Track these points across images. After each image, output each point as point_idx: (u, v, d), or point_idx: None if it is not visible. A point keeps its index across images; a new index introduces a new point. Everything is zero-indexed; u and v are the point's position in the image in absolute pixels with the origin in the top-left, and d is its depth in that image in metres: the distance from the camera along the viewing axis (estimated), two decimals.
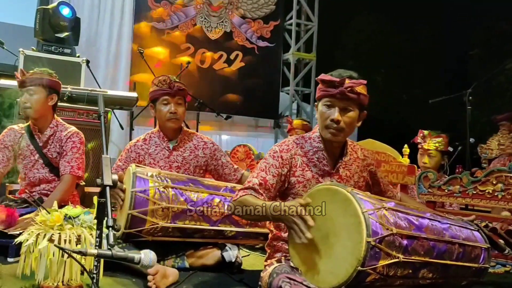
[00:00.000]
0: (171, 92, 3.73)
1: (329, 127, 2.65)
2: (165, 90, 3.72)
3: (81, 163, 3.98)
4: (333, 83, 2.61)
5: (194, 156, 3.78)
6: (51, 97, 3.94)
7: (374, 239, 2.15)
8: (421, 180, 3.59)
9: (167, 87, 3.72)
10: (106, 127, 5.36)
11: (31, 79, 3.86)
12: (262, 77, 10.39)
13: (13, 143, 3.93)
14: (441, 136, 4.79)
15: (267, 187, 2.62)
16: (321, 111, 2.68)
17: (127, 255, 1.94)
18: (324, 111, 2.66)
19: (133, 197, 3.13)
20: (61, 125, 4.04)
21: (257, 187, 2.60)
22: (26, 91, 3.86)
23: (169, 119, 3.72)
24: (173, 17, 9.63)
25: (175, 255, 3.37)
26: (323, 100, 2.67)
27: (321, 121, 2.68)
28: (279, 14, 10.75)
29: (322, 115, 2.67)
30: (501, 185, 3.22)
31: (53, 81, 3.97)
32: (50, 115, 4.01)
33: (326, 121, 2.65)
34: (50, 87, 3.94)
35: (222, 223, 3.38)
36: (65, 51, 6.13)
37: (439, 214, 2.76)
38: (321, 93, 2.66)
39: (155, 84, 3.76)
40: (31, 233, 2.56)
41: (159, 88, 3.73)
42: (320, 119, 2.69)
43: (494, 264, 3.35)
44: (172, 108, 3.71)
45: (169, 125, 3.75)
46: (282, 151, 2.71)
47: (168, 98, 3.73)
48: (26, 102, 3.85)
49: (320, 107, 2.69)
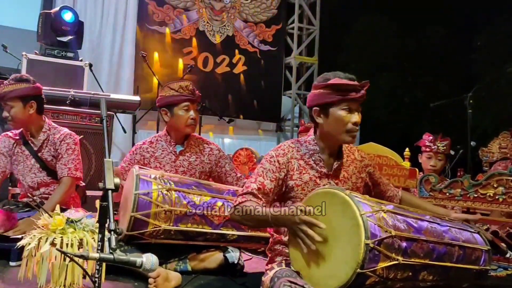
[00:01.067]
0: (193, 98, 3.73)
1: (352, 131, 2.65)
2: (188, 96, 3.71)
3: (78, 164, 3.93)
4: (355, 88, 2.63)
5: (200, 161, 3.78)
6: (30, 105, 3.80)
7: (372, 241, 2.15)
8: (422, 184, 3.60)
9: (190, 93, 3.72)
10: (109, 131, 5.37)
11: (4, 93, 3.76)
12: (264, 81, 10.40)
13: (8, 149, 3.92)
14: (447, 139, 4.81)
15: (265, 191, 2.62)
16: (340, 115, 2.64)
17: (129, 259, 1.94)
18: (345, 115, 2.64)
19: (136, 199, 3.14)
20: (53, 128, 3.99)
21: (256, 192, 2.60)
22: (4, 105, 3.79)
23: (189, 125, 3.72)
24: (175, 21, 9.64)
25: (178, 258, 3.37)
26: (341, 104, 2.64)
27: (341, 126, 2.65)
28: (281, 18, 10.76)
29: (343, 120, 2.64)
30: (502, 188, 3.23)
31: (28, 88, 3.82)
32: (37, 120, 3.91)
33: (347, 125, 2.64)
34: (26, 96, 3.80)
35: (224, 226, 3.39)
36: (68, 55, 6.14)
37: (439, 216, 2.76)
38: (337, 98, 2.63)
39: (174, 89, 3.72)
40: (33, 237, 2.57)
41: (180, 94, 3.70)
42: (339, 124, 2.65)
43: (495, 267, 3.34)
44: (193, 115, 3.71)
45: (188, 130, 3.75)
46: (279, 155, 2.71)
47: (189, 104, 3.71)
48: (6, 115, 3.79)
49: (337, 112, 2.64)
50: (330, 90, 2.64)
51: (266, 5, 10.57)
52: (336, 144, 2.77)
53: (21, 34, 7.91)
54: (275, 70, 10.68)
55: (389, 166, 4.27)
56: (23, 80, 3.84)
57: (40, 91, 3.92)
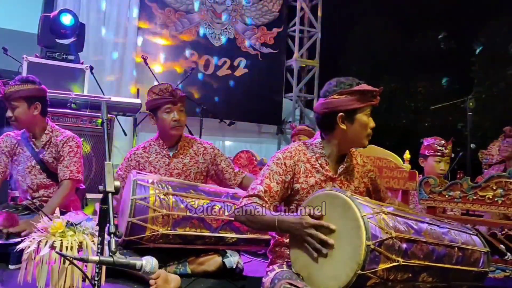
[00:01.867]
0: (174, 100, 3.72)
1: (370, 135, 2.74)
2: (168, 98, 3.71)
3: (80, 167, 3.93)
4: (375, 93, 2.69)
5: (195, 162, 3.78)
6: (34, 106, 3.83)
7: (373, 242, 2.16)
8: (422, 186, 3.60)
9: (169, 95, 3.71)
10: (109, 134, 5.37)
11: (10, 93, 3.78)
12: (265, 83, 10.38)
13: (9, 149, 3.92)
14: (451, 142, 4.81)
15: (272, 194, 2.63)
16: (365, 121, 2.70)
17: (129, 262, 1.95)
18: (368, 121, 2.71)
19: (133, 204, 3.14)
20: (56, 131, 3.99)
21: (262, 194, 2.61)
22: (8, 105, 3.81)
23: (173, 127, 3.71)
24: (177, 24, 9.64)
25: (177, 262, 3.38)
26: (365, 110, 2.70)
27: (364, 131, 2.72)
28: (283, 21, 10.75)
29: (366, 125, 2.71)
30: (501, 190, 3.23)
31: (33, 89, 3.85)
32: (40, 122, 3.93)
33: (368, 130, 2.72)
34: (31, 97, 3.83)
35: (223, 229, 3.39)
36: (68, 58, 6.15)
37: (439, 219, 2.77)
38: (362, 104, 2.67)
39: (155, 93, 3.73)
40: (32, 240, 2.58)
41: (161, 97, 3.71)
42: (363, 129, 2.71)
43: (494, 269, 3.34)
44: (175, 116, 3.70)
45: (173, 133, 3.74)
46: (286, 158, 2.73)
47: (171, 106, 3.71)
48: (10, 115, 3.81)
49: (363, 118, 2.70)
50: (356, 96, 2.66)
51: (268, 8, 10.56)
52: (349, 148, 2.83)
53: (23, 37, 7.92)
54: (276, 73, 10.68)
55: (389, 169, 4.27)
56: (29, 81, 3.86)
57: (45, 93, 3.95)
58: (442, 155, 4.74)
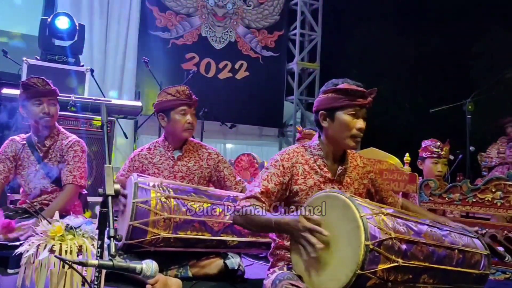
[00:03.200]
0: (190, 102, 3.71)
1: (356, 136, 2.70)
2: (184, 100, 3.69)
3: (84, 172, 3.94)
4: (363, 94, 2.67)
5: (199, 166, 3.76)
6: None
7: (372, 242, 2.16)
8: (422, 188, 3.60)
9: (186, 97, 3.70)
10: (110, 136, 5.37)
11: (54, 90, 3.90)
12: (266, 87, 10.40)
13: (14, 154, 3.92)
14: (448, 144, 4.82)
15: (269, 195, 2.64)
16: (345, 120, 2.68)
17: (129, 265, 1.93)
18: (350, 121, 2.68)
19: (134, 208, 3.12)
20: (62, 134, 4.01)
21: (259, 196, 2.61)
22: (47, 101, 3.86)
23: (186, 129, 3.70)
24: (178, 27, 9.66)
25: (178, 265, 3.36)
26: (347, 110, 2.68)
27: (346, 131, 2.69)
28: (283, 24, 10.78)
29: (348, 125, 2.68)
30: (500, 193, 3.23)
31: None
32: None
33: (352, 131, 2.68)
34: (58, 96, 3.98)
35: (224, 233, 3.37)
36: (68, 60, 6.16)
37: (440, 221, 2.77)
38: (345, 102, 2.67)
39: (171, 94, 3.70)
40: (31, 244, 2.57)
41: (177, 98, 3.68)
42: (343, 129, 2.69)
43: (494, 271, 3.34)
44: (190, 119, 3.69)
45: (185, 135, 3.72)
46: (283, 159, 2.73)
47: (186, 108, 3.69)
48: (47, 111, 3.84)
49: (343, 116, 2.69)
50: (338, 95, 2.69)
51: (269, 12, 10.59)
52: (340, 149, 2.82)
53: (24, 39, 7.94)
54: (277, 76, 10.70)
55: (389, 171, 4.28)
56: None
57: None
58: (438, 157, 4.75)
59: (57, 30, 6.22)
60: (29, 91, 3.82)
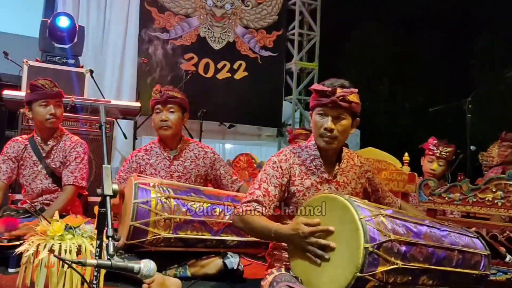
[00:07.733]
0: (160, 100, 3.75)
1: (323, 135, 2.69)
2: (157, 99, 3.76)
3: (85, 173, 3.97)
4: (324, 93, 2.66)
5: (195, 165, 3.80)
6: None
7: (372, 245, 2.16)
8: (421, 188, 3.59)
9: (159, 96, 3.76)
10: (109, 137, 5.37)
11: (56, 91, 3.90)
12: (265, 86, 10.37)
13: (16, 154, 3.93)
14: (452, 146, 4.81)
15: (271, 198, 2.65)
16: (315, 120, 2.72)
17: (127, 265, 1.94)
18: (318, 120, 2.71)
19: (135, 208, 3.13)
20: (65, 135, 4.04)
21: (261, 199, 2.62)
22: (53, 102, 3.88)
23: (161, 127, 3.75)
24: (176, 27, 9.65)
25: (177, 265, 3.37)
26: (316, 109, 2.72)
27: (316, 130, 2.73)
28: (282, 24, 10.76)
29: (316, 124, 2.71)
30: (501, 192, 3.23)
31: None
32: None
33: (320, 130, 2.69)
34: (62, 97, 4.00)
35: (224, 232, 3.39)
36: (68, 61, 6.16)
37: (439, 222, 2.77)
38: (314, 102, 2.71)
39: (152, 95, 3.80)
40: (31, 244, 2.57)
41: (153, 98, 3.78)
42: (314, 128, 2.74)
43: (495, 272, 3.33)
44: (162, 116, 3.73)
45: (161, 133, 3.78)
46: (281, 161, 2.74)
47: (160, 106, 3.75)
48: (53, 113, 3.87)
49: (314, 116, 2.74)
50: (313, 95, 2.73)
51: (267, 12, 10.57)
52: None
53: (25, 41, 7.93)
54: (276, 76, 10.68)
55: (388, 171, 4.27)
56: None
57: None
58: (433, 155, 4.76)
59: (59, 30, 6.22)
60: (37, 93, 3.85)
